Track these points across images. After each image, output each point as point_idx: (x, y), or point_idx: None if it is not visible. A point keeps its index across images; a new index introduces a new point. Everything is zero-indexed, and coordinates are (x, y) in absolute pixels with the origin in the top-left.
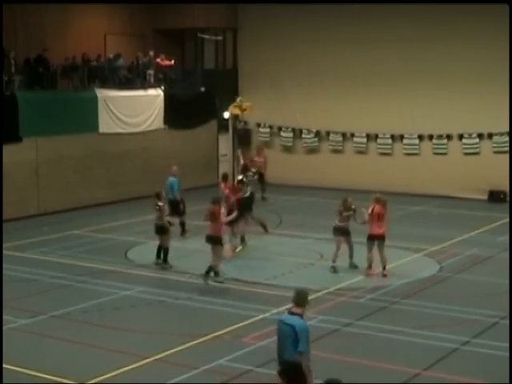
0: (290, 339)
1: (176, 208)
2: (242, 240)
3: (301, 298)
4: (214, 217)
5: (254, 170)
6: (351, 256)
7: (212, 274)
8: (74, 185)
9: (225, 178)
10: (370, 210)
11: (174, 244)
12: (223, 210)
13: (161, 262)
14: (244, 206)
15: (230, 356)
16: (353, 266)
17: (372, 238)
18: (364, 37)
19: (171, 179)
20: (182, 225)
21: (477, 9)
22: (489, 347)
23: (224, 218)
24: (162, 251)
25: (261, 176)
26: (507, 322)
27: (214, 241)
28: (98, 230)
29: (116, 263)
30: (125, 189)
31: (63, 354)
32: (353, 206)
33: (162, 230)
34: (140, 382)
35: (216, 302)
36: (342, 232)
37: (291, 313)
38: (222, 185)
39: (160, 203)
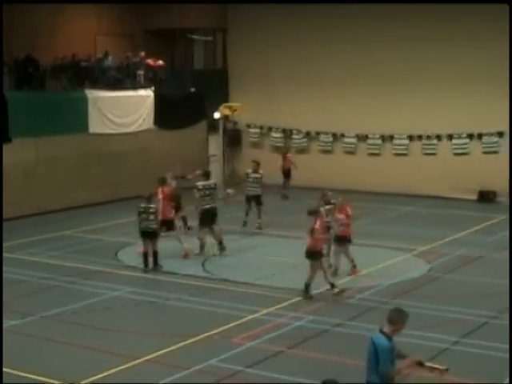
0: (373, 359)
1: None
2: (220, 243)
3: (393, 316)
4: (312, 231)
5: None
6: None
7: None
8: (64, 185)
9: (162, 181)
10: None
11: (164, 244)
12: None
13: (150, 268)
14: (205, 218)
15: (221, 356)
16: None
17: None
18: (352, 38)
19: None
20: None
21: (470, 9)
22: (478, 347)
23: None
24: (152, 255)
25: (288, 172)
26: (497, 321)
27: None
28: (89, 231)
29: (106, 264)
30: (116, 189)
31: (53, 355)
32: (333, 201)
33: (154, 235)
34: (130, 382)
35: (206, 302)
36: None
37: (380, 330)
38: (160, 189)
39: (153, 205)
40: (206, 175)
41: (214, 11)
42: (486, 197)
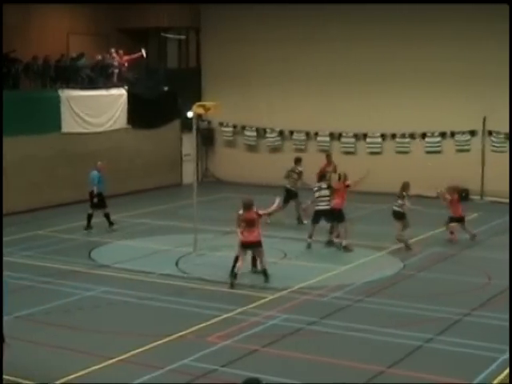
0: None
1: (97, 201)
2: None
3: None
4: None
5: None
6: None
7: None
8: (38, 185)
9: None
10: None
11: (137, 244)
12: None
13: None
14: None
15: (195, 356)
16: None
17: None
18: (325, 37)
19: (93, 172)
20: (107, 216)
21: (443, 9)
22: (452, 344)
23: None
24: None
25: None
26: (470, 318)
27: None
28: (62, 231)
29: (80, 263)
30: (88, 189)
31: (27, 355)
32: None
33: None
34: (105, 382)
35: (180, 301)
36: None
37: None
38: None
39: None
40: None
41: (188, 10)
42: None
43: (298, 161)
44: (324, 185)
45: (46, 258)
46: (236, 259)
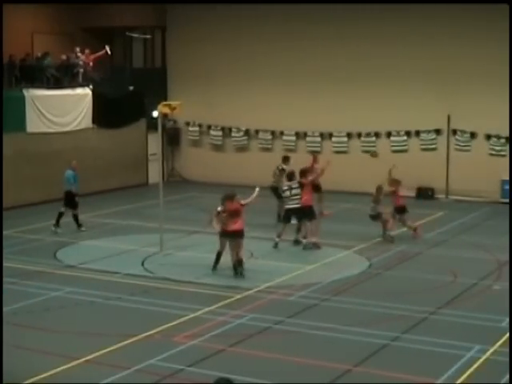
0: None
1: (71, 201)
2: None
3: None
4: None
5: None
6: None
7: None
8: (1, 185)
9: None
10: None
11: (103, 244)
12: None
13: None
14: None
15: (162, 356)
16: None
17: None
18: (290, 36)
19: (69, 172)
20: (76, 218)
21: (410, 7)
22: (418, 342)
23: None
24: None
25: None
26: (436, 317)
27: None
28: (27, 231)
29: (45, 264)
30: (53, 189)
31: None
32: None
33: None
34: (71, 383)
35: (146, 301)
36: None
37: None
38: None
39: None
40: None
41: (153, 9)
42: (424, 193)
43: (285, 159)
44: (295, 184)
45: (10, 259)
46: (218, 255)
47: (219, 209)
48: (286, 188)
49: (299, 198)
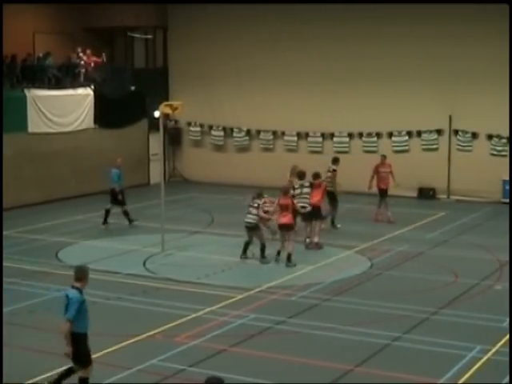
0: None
1: (115, 198)
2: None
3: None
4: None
5: None
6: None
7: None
8: (3, 185)
9: None
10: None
11: (105, 244)
12: None
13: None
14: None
15: (163, 356)
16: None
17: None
18: (292, 36)
19: (113, 170)
20: (126, 214)
21: (411, 8)
22: (420, 342)
23: None
24: None
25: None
26: (437, 317)
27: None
28: (28, 231)
29: (47, 264)
30: (55, 189)
31: None
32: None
33: None
34: (72, 383)
35: (148, 301)
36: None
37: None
38: None
39: None
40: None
41: (154, 9)
42: (425, 194)
43: (335, 160)
44: (306, 183)
45: (12, 259)
46: (247, 244)
47: (261, 202)
48: (297, 187)
49: (308, 197)
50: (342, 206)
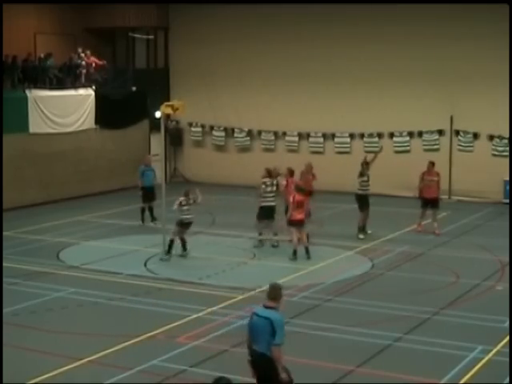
0: (266, 331)
1: (148, 195)
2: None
3: (275, 292)
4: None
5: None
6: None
7: None
8: (4, 186)
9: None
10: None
11: (106, 245)
12: None
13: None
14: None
15: (165, 356)
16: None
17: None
18: (294, 36)
19: (140, 167)
20: (150, 210)
21: (410, 8)
22: (421, 343)
23: None
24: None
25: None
26: (439, 317)
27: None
28: (30, 232)
29: (48, 264)
30: (56, 189)
31: None
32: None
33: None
34: (74, 383)
35: (149, 302)
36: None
37: (266, 307)
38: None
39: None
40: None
41: (156, 10)
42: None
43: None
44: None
45: (13, 259)
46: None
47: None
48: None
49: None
50: (343, 207)
